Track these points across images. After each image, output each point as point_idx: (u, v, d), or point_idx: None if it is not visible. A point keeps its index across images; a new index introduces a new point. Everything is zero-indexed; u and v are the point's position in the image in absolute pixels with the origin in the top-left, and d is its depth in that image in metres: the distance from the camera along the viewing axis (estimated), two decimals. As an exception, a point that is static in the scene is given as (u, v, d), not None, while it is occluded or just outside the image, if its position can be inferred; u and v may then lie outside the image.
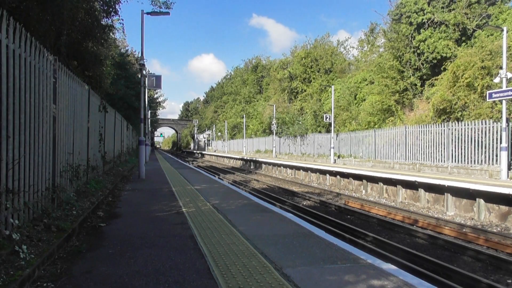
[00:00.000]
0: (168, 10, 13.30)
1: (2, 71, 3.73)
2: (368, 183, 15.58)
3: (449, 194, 11.12)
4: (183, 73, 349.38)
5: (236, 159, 38.99)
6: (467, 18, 19.89)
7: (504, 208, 9.51)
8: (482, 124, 14.12)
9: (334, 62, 35.98)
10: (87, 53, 11.75)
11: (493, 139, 13.55)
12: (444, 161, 15.73)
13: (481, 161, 14.05)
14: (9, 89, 3.88)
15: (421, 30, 20.77)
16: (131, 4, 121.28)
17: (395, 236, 8.46)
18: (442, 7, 20.68)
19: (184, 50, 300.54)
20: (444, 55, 19.62)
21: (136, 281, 3.19)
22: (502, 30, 13.11)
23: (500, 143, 12.64)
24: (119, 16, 12.27)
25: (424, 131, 17.02)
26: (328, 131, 26.75)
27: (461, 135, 14.92)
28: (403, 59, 21.83)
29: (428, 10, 20.62)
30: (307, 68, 37.11)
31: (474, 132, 14.32)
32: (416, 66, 21.42)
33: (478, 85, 15.71)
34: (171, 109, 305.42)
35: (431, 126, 16.77)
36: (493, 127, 13.60)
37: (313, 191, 16.36)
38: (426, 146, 16.84)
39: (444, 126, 15.95)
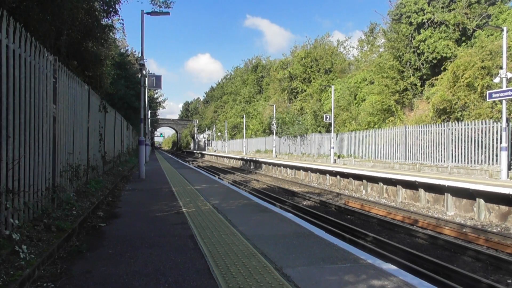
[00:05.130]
0: (168, 9, 13.33)
1: (2, 71, 3.72)
2: (368, 183, 15.58)
3: (449, 194, 11.12)
4: (180, 73, 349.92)
5: (236, 159, 38.99)
6: (467, 18, 19.89)
7: (504, 208, 9.51)
8: (482, 124, 14.11)
9: (334, 62, 35.97)
10: (87, 53, 11.75)
11: (493, 139, 13.55)
12: (444, 161, 15.73)
13: (481, 161, 14.05)
14: (9, 89, 3.88)
15: (421, 30, 20.77)
16: (131, 4, 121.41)
17: (395, 236, 8.46)
18: (442, 7, 20.68)
19: (181, 50, 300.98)
20: (444, 55, 19.62)
21: (136, 281, 3.19)
22: (502, 30, 13.11)
23: (500, 143, 12.64)
24: (119, 16, 12.29)
25: (424, 131, 17.01)
26: (328, 131, 26.75)
27: (461, 135, 14.92)
28: (403, 59, 21.83)
29: (428, 10, 20.62)
30: (307, 68, 37.11)
31: (474, 132, 14.32)
32: (416, 66, 21.42)
33: (478, 85, 15.70)
34: (170, 109, 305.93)
35: (431, 126, 16.76)
36: (493, 127, 13.59)
37: (313, 191, 16.36)
38: (426, 146, 16.84)
39: (444, 126, 15.95)
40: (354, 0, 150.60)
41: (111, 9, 11.52)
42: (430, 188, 11.94)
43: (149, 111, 34.23)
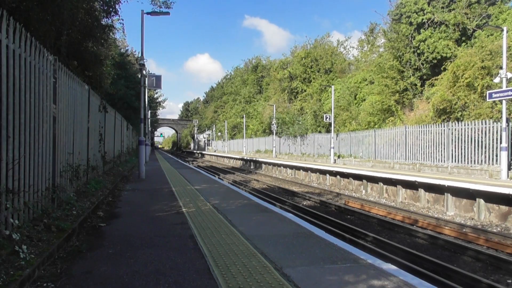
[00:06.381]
0: (168, 9, 13.33)
1: (2, 71, 3.72)
2: (368, 183, 15.58)
3: (449, 194, 11.12)
4: (179, 73, 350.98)
5: (236, 159, 38.98)
6: (467, 18, 19.89)
7: (504, 208, 9.51)
8: (482, 124, 14.11)
9: (334, 62, 35.96)
10: (87, 53, 11.75)
11: (493, 139, 13.55)
12: (444, 161, 15.73)
13: (481, 161, 14.05)
14: (9, 89, 3.88)
15: (421, 30, 20.77)
16: (131, 4, 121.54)
17: (395, 236, 8.46)
18: (442, 7, 20.68)
19: (180, 50, 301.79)
20: (444, 55, 19.62)
21: (136, 281, 3.19)
22: (502, 30, 13.11)
23: (500, 143, 12.64)
24: (119, 16, 12.30)
25: (424, 131, 17.01)
26: (328, 131, 26.75)
27: (461, 135, 14.92)
28: (403, 59, 21.82)
29: (428, 10, 20.62)
30: (307, 68, 37.10)
31: (474, 132, 14.31)
32: (416, 66, 21.41)
33: (478, 85, 15.70)
34: (169, 109, 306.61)
35: (431, 126, 16.76)
36: (493, 127, 13.59)
37: (313, 191, 16.36)
38: (426, 146, 16.84)
39: (444, 126, 15.95)
40: (353, 0, 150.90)
41: (111, 9, 11.52)
42: (430, 188, 11.94)
43: (149, 111, 34.22)
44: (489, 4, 20.09)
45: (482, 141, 13.98)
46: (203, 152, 63.62)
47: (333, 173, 18.43)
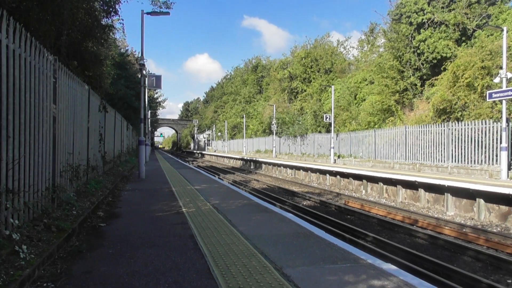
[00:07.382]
0: (168, 10, 13.32)
1: (2, 71, 3.72)
2: (368, 183, 15.58)
3: (449, 194, 11.12)
4: (179, 74, 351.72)
5: (236, 159, 38.98)
6: (467, 18, 19.89)
7: (504, 208, 9.51)
8: (482, 124, 14.11)
9: (334, 62, 35.95)
10: (87, 53, 11.74)
11: (493, 139, 13.55)
12: (444, 161, 15.73)
13: (481, 161, 14.05)
14: (9, 89, 3.88)
15: (421, 30, 20.77)
16: (131, 4, 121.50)
17: (395, 236, 8.46)
18: (442, 7, 20.69)
19: (179, 50, 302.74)
20: (444, 55, 19.62)
21: (136, 281, 3.19)
22: (502, 30, 13.11)
23: (500, 143, 12.64)
24: (119, 16, 12.28)
25: (424, 131, 17.01)
26: (328, 131, 26.75)
27: (461, 135, 14.92)
28: (403, 59, 21.82)
29: (428, 10, 20.62)
30: (307, 68, 37.10)
31: (474, 132, 14.31)
32: (416, 66, 21.41)
33: (478, 85, 15.70)
34: (169, 109, 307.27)
35: (431, 126, 16.76)
36: (493, 127, 13.59)
37: (313, 191, 16.36)
38: (426, 146, 16.84)
39: (444, 126, 15.95)
40: (353, 0, 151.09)
41: (111, 9, 11.52)
42: (430, 188, 11.94)
43: (149, 111, 34.21)
44: (489, 4, 20.09)
45: (482, 141, 13.98)
46: (203, 152, 63.62)
47: (333, 173, 18.43)
